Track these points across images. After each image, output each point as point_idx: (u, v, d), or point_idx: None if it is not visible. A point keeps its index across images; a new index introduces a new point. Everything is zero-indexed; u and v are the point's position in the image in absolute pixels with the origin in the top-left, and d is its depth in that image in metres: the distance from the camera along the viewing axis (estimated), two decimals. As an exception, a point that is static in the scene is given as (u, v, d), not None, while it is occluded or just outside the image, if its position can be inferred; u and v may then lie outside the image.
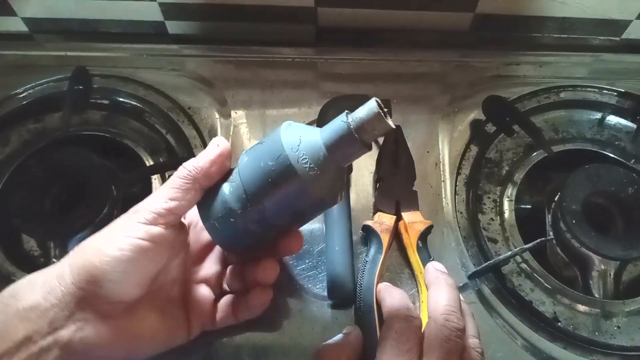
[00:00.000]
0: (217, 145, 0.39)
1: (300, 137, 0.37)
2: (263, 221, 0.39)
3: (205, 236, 0.46)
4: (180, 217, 0.39)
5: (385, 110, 0.35)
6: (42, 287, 0.35)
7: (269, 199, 0.38)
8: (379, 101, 0.35)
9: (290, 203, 0.38)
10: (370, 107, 0.35)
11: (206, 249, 0.47)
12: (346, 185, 0.47)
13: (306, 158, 0.36)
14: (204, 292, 0.44)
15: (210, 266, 0.46)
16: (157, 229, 0.37)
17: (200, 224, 0.42)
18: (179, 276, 0.44)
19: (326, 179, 0.37)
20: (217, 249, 0.47)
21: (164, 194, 0.38)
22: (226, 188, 0.39)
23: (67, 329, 0.35)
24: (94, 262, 0.35)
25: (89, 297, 0.35)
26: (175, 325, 0.43)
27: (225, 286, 0.46)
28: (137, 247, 0.36)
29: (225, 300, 0.45)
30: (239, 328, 0.46)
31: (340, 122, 0.36)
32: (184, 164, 0.39)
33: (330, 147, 0.36)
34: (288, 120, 0.39)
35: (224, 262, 0.47)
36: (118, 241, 0.36)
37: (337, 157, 0.37)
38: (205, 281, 0.45)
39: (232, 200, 0.38)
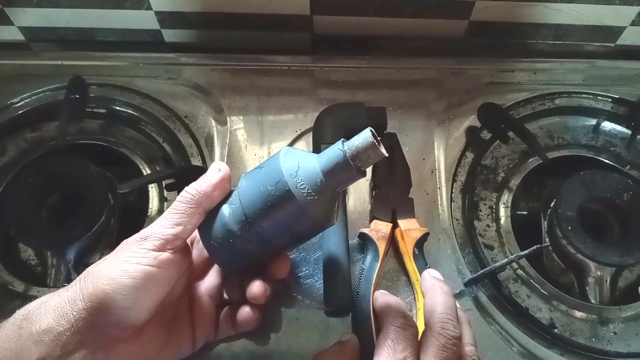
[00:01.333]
0: (219, 170, 0.41)
1: (298, 163, 0.39)
2: (261, 242, 0.41)
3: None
4: (186, 241, 0.41)
5: (379, 138, 0.37)
6: (55, 311, 0.36)
7: (268, 222, 0.39)
8: (373, 131, 0.37)
9: (288, 226, 0.40)
10: (365, 136, 0.37)
11: (207, 263, 0.47)
12: (342, 198, 0.49)
13: (304, 184, 0.38)
14: (207, 304, 0.45)
15: (212, 279, 0.47)
16: (166, 255, 0.38)
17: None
18: (184, 292, 0.45)
19: (323, 203, 0.39)
20: None
21: (170, 219, 0.39)
22: (226, 210, 0.41)
23: (79, 353, 0.36)
24: (106, 290, 0.36)
25: (100, 322, 0.36)
26: (181, 340, 0.43)
27: (225, 296, 0.47)
28: (148, 274, 0.37)
29: (226, 311, 0.46)
30: (237, 336, 0.47)
31: (336, 150, 0.38)
32: (187, 188, 0.40)
33: (326, 174, 0.38)
34: (287, 146, 0.41)
35: (224, 273, 0.47)
36: (129, 269, 0.36)
37: (333, 183, 0.39)
38: (208, 293, 0.46)
39: (232, 222, 0.40)
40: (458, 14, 0.67)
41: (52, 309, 0.36)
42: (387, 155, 0.37)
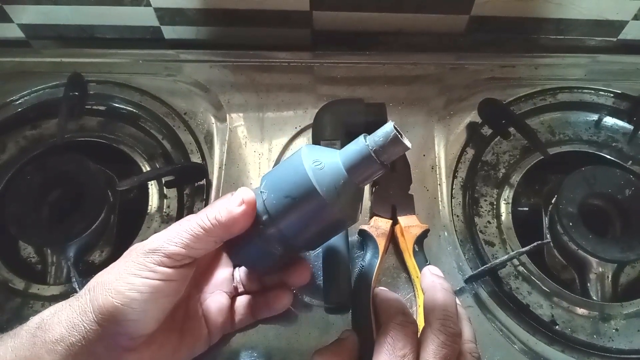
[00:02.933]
0: (242, 201, 0.39)
1: (321, 161, 0.38)
2: (285, 243, 0.40)
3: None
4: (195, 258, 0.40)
5: (400, 131, 0.37)
6: (66, 322, 0.36)
7: (293, 222, 0.39)
8: (394, 125, 0.37)
9: (314, 226, 0.39)
10: (387, 130, 0.37)
11: (215, 257, 0.47)
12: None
13: (329, 182, 0.37)
14: (220, 298, 0.45)
15: (221, 272, 0.46)
16: (173, 270, 0.38)
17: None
18: (193, 292, 0.44)
19: (348, 200, 0.38)
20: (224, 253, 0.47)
21: (181, 237, 0.38)
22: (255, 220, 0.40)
23: None
24: (115, 303, 0.36)
25: (110, 333, 0.36)
26: (195, 338, 0.43)
27: (239, 287, 0.46)
28: (156, 287, 0.37)
29: (242, 301, 0.46)
30: (235, 333, 0.47)
31: (360, 145, 0.38)
32: (208, 214, 0.38)
33: (350, 170, 0.38)
34: (306, 144, 0.41)
35: (234, 264, 0.47)
36: (136, 282, 0.36)
37: (357, 179, 0.38)
38: (219, 287, 0.45)
39: (257, 225, 0.39)
40: (458, 8, 0.67)
41: (64, 319, 0.36)
42: (410, 147, 0.37)
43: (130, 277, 0.36)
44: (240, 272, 0.47)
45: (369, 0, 0.65)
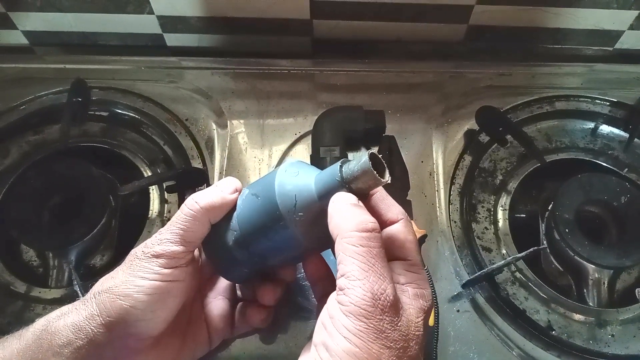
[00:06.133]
0: (231, 185, 0.40)
1: (295, 187, 0.36)
2: (261, 261, 0.40)
3: None
4: (193, 252, 0.40)
5: (383, 162, 0.35)
6: (73, 326, 0.36)
7: (265, 246, 0.39)
8: (375, 154, 0.34)
9: (286, 250, 0.39)
10: (362, 162, 0.34)
11: None
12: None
13: (302, 216, 0.36)
14: (221, 305, 0.45)
15: (224, 279, 0.47)
16: (177, 271, 0.38)
17: None
18: (197, 295, 0.45)
19: (320, 229, 0.36)
20: None
21: (176, 233, 0.38)
22: (225, 227, 0.40)
23: None
24: (124, 306, 0.36)
25: (118, 335, 0.37)
26: (197, 342, 0.44)
27: (239, 293, 0.47)
28: (163, 289, 0.37)
29: (240, 308, 0.46)
30: (235, 339, 0.47)
31: (332, 175, 0.36)
32: (197, 198, 0.39)
33: (323, 198, 0.36)
34: (286, 163, 0.39)
35: None
36: (144, 285, 0.37)
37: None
38: (221, 293, 0.46)
39: (231, 241, 0.39)
40: (457, 18, 0.68)
41: (70, 323, 0.37)
42: (388, 182, 0.35)
43: (137, 280, 0.37)
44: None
45: (368, 9, 0.66)
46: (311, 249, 0.39)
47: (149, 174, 0.61)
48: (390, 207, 0.37)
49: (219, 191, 0.40)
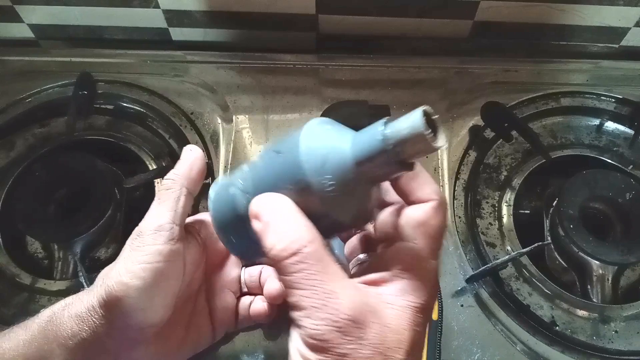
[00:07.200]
0: (191, 150, 0.40)
1: (326, 155, 0.30)
2: None
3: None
4: (182, 227, 0.39)
5: (435, 120, 0.28)
6: (77, 318, 0.36)
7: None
8: (428, 111, 0.27)
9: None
10: (413, 122, 0.27)
11: (224, 255, 0.47)
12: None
13: (333, 184, 0.29)
14: (227, 297, 0.45)
15: (229, 271, 0.46)
16: (167, 247, 0.37)
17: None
18: (201, 287, 0.45)
19: (352, 204, 0.31)
20: None
21: (158, 209, 0.38)
22: (240, 200, 0.35)
23: (100, 359, 0.37)
24: (119, 295, 0.35)
25: (120, 327, 0.36)
26: (200, 334, 0.43)
27: (244, 287, 0.47)
28: (154, 271, 0.36)
29: (245, 301, 0.46)
30: (237, 333, 0.47)
31: (375, 137, 0.29)
32: (166, 176, 0.39)
33: (361, 167, 0.29)
34: (312, 120, 0.32)
35: (242, 265, 0.47)
36: (135, 269, 0.36)
37: (369, 178, 0.30)
38: (227, 285, 0.45)
39: (245, 213, 0.33)
40: (462, 14, 0.67)
41: (74, 315, 0.36)
42: (444, 146, 0.30)
43: (129, 266, 0.36)
44: (246, 273, 0.47)
45: (373, 5, 0.66)
46: (339, 225, 0.32)
47: (154, 167, 0.61)
48: (422, 185, 0.31)
49: (182, 161, 0.39)
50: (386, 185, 0.33)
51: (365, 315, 0.28)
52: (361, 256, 0.39)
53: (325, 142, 0.30)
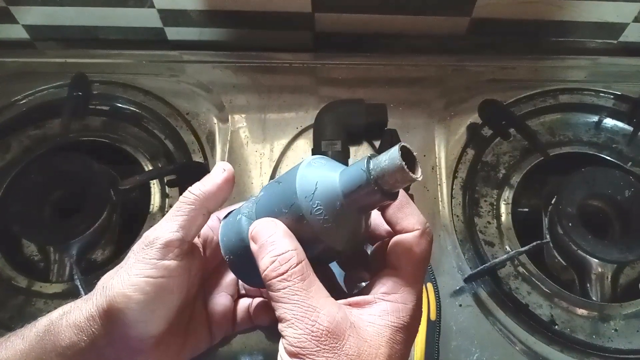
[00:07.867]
0: (223, 170, 0.39)
1: (317, 182, 0.33)
2: None
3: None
4: (191, 243, 0.39)
5: (414, 155, 0.31)
6: (75, 327, 0.36)
7: None
8: (406, 147, 0.31)
9: (305, 249, 0.35)
10: (392, 156, 0.30)
11: (221, 258, 0.46)
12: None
13: (320, 209, 0.33)
14: (224, 300, 0.44)
15: (227, 274, 0.46)
16: (174, 263, 0.36)
17: (215, 238, 0.42)
18: (199, 292, 0.44)
19: (341, 231, 0.34)
20: None
21: (173, 221, 0.37)
22: (244, 224, 0.37)
23: None
24: (120, 307, 0.35)
25: (119, 337, 0.36)
26: (199, 339, 0.43)
27: (241, 290, 0.46)
28: (159, 285, 0.36)
29: (243, 304, 0.45)
30: (237, 335, 0.47)
31: (359, 170, 0.32)
32: (190, 188, 0.38)
33: (348, 196, 0.32)
34: (309, 158, 0.36)
35: None
36: (139, 283, 0.35)
37: (356, 207, 0.33)
38: (224, 290, 0.45)
39: (248, 237, 0.36)
40: (459, 11, 0.67)
41: (72, 324, 0.36)
42: (419, 179, 0.31)
43: (133, 278, 0.36)
44: None
45: (370, 3, 0.66)
46: (331, 250, 0.35)
47: (150, 168, 0.61)
48: (407, 216, 0.34)
49: (211, 178, 0.39)
50: (380, 219, 0.36)
51: (343, 329, 0.30)
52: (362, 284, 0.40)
53: (317, 172, 0.34)
